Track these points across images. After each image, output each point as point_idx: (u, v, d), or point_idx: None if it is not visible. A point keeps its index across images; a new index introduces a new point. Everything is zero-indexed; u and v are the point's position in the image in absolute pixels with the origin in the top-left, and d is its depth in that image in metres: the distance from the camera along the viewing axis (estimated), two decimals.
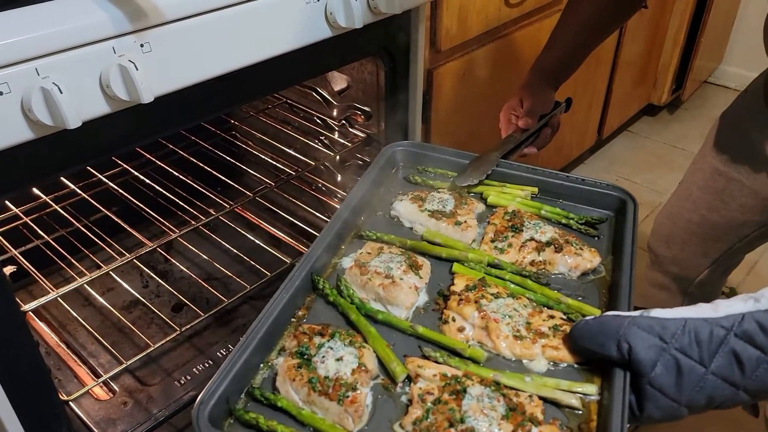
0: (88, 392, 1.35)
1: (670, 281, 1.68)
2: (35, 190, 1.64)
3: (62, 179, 1.66)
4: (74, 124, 0.76)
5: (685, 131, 3.60)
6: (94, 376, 1.41)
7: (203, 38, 0.89)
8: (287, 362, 0.82)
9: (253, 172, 1.82)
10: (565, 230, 1.07)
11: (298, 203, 1.82)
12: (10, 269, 1.53)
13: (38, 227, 1.60)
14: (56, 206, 1.64)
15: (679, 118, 3.75)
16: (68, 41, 0.76)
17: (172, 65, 0.86)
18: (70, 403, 1.26)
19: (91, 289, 1.48)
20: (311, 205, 1.79)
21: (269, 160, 1.84)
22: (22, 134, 0.77)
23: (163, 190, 1.73)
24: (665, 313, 0.74)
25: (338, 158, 1.70)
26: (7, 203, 1.59)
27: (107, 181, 1.69)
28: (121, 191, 1.69)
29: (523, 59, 2.06)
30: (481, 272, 0.98)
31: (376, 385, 0.83)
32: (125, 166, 1.75)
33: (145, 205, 1.67)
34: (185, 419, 1.34)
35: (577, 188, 1.13)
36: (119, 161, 1.76)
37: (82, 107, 0.78)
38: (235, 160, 1.84)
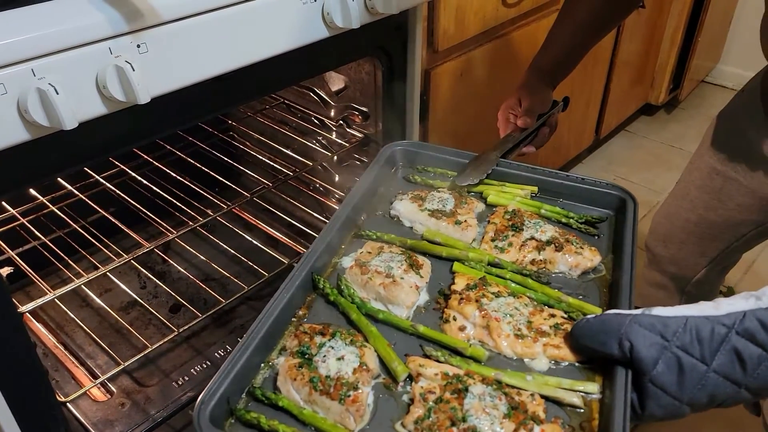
0: (85, 393, 1.34)
1: (667, 280, 1.68)
2: (32, 191, 1.63)
3: (59, 180, 1.65)
4: (71, 125, 0.76)
5: (682, 131, 3.61)
6: (91, 377, 1.41)
7: (200, 39, 0.88)
8: (288, 362, 0.82)
9: (250, 172, 1.81)
10: (565, 229, 1.07)
11: (295, 204, 1.82)
12: (7, 270, 1.52)
13: (35, 228, 1.59)
14: (53, 207, 1.63)
15: (676, 117, 3.76)
16: (64, 42, 0.76)
17: (168, 66, 0.86)
18: (67, 404, 1.25)
19: (88, 290, 1.47)
20: (309, 205, 1.79)
21: (267, 160, 1.84)
22: (18, 135, 0.77)
23: (160, 190, 1.72)
24: (666, 311, 0.74)
25: (336, 158, 1.69)
26: (3, 204, 1.59)
27: (104, 182, 1.69)
28: (118, 192, 1.68)
29: (520, 59, 2.06)
30: (481, 271, 0.97)
31: (377, 384, 0.82)
32: (122, 166, 1.75)
33: (142, 205, 1.66)
34: (183, 420, 1.33)
35: (576, 187, 1.13)
36: (116, 162, 1.76)
37: (78, 108, 0.77)
38: (232, 160, 1.84)
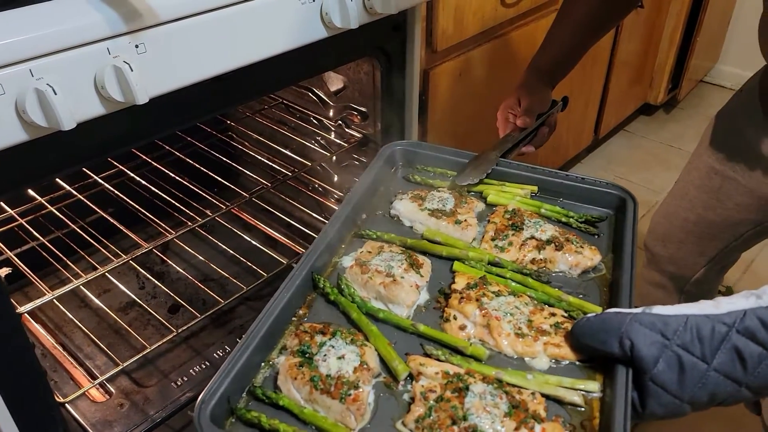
0: (84, 394, 1.34)
1: (666, 280, 1.68)
2: (31, 191, 1.63)
3: (58, 180, 1.65)
4: (69, 125, 0.75)
5: (681, 130, 3.61)
6: (90, 377, 1.40)
7: (198, 39, 0.88)
8: (289, 361, 0.82)
9: (249, 172, 1.81)
10: (565, 228, 1.07)
11: (294, 204, 1.81)
12: (5, 271, 1.52)
13: (34, 229, 1.59)
14: (52, 208, 1.63)
15: (675, 117, 3.76)
16: (63, 42, 0.76)
17: (167, 66, 0.86)
18: (66, 405, 1.25)
19: (87, 290, 1.47)
20: (308, 205, 1.79)
21: (265, 160, 1.84)
22: (16, 135, 0.77)
23: (159, 191, 1.72)
24: (667, 309, 0.74)
25: (335, 159, 1.69)
26: (2, 205, 1.58)
27: (103, 182, 1.68)
28: (117, 192, 1.68)
29: (519, 59, 2.06)
30: (481, 270, 0.97)
31: (378, 383, 0.82)
32: (121, 167, 1.74)
33: (141, 206, 1.66)
34: (182, 421, 1.33)
35: (576, 187, 1.13)
36: (115, 162, 1.75)
37: (76, 108, 0.77)
38: (231, 160, 1.84)
